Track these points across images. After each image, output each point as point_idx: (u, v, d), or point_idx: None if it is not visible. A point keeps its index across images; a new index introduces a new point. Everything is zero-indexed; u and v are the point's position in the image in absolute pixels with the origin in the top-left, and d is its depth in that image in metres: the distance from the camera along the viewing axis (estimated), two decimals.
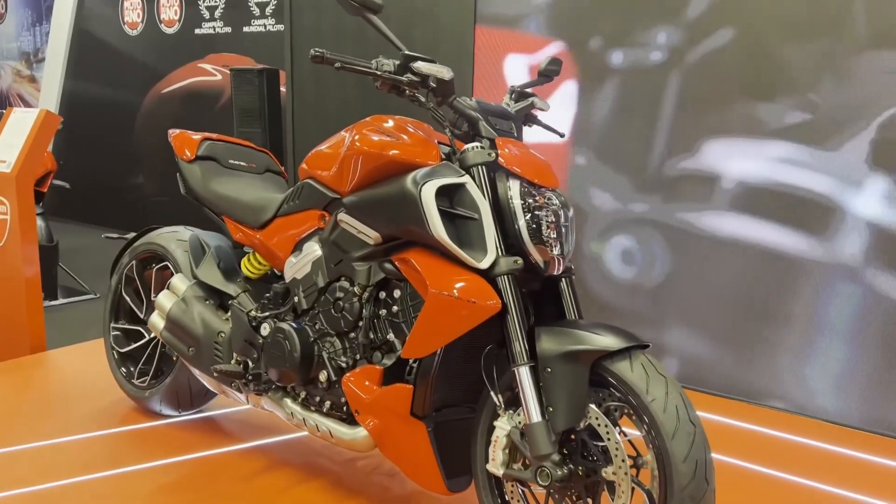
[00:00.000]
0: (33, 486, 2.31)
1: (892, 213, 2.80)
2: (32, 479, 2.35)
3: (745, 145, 3.09)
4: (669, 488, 1.60)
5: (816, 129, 2.93)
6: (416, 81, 1.95)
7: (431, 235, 1.84)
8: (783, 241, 3.01)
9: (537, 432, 1.73)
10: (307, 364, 2.15)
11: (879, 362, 2.83)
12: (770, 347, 3.06)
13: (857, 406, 2.89)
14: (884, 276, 2.81)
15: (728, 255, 3.14)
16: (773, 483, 2.46)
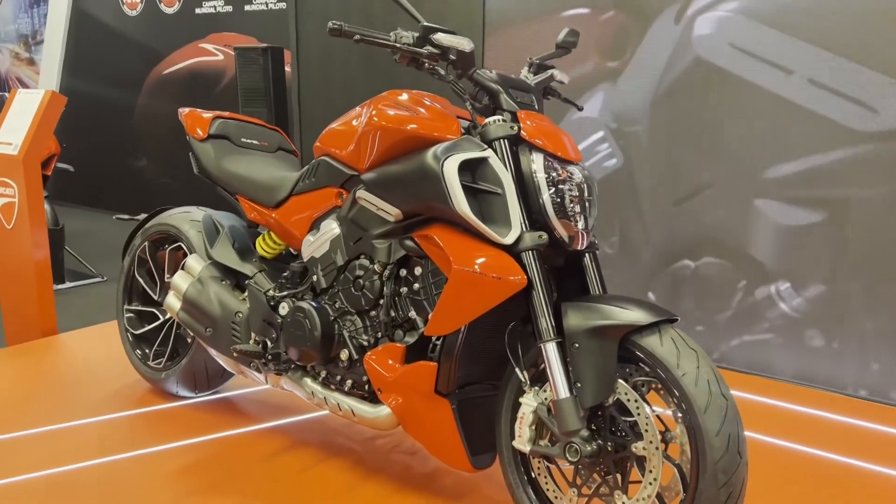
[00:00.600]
0: (53, 469, 2.30)
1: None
2: (52, 461, 2.34)
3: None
4: (702, 462, 1.59)
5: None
6: (435, 54, 1.91)
7: (454, 211, 1.81)
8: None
9: (566, 408, 1.72)
10: (328, 343, 2.14)
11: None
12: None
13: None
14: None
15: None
16: (801, 458, 2.45)
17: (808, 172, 2.95)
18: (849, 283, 2.90)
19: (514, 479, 1.93)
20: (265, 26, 6.03)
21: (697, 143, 3.19)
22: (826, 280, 2.95)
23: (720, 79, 3.11)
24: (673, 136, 3.25)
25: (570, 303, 1.78)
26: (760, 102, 3.02)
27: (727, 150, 3.12)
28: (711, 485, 1.57)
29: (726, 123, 3.11)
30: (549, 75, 2.14)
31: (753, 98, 3.03)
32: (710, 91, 3.13)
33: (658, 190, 3.31)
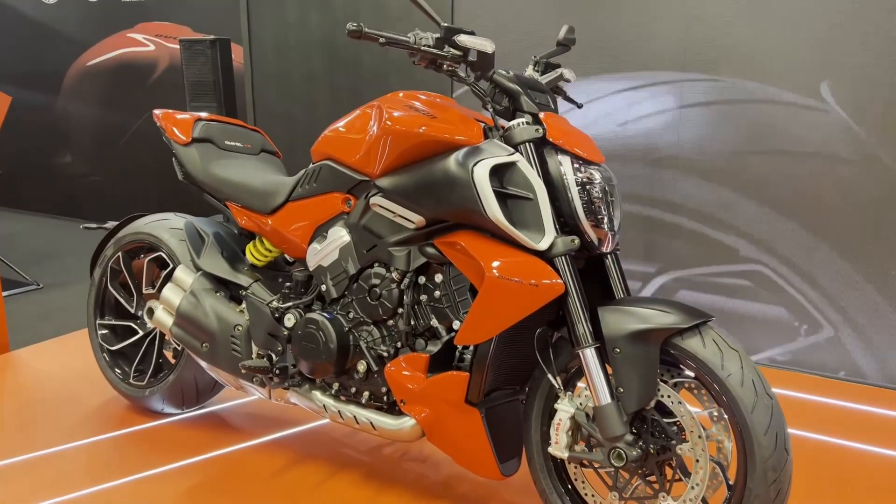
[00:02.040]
0: (45, 501, 2.15)
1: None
2: (41, 492, 2.19)
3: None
4: (751, 461, 1.61)
5: None
6: (457, 56, 1.85)
7: (487, 217, 1.77)
8: None
9: (610, 414, 1.71)
10: (343, 355, 2.07)
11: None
12: None
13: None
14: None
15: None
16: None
17: None
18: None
19: (547, 485, 1.92)
20: (199, 16, 5.78)
21: None
22: None
23: None
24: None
25: (606, 307, 1.77)
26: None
27: None
28: (761, 483, 1.60)
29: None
30: (559, 74, 2.12)
31: None
32: None
33: None
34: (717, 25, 3.03)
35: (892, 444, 2.48)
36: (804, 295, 3.05)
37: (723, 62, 3.05)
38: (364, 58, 3.95)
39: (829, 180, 2.93)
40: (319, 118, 4.18)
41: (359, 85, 4.01)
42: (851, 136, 2.87)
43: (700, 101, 3.13)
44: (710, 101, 3.11)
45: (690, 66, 3.11)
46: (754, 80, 3.01)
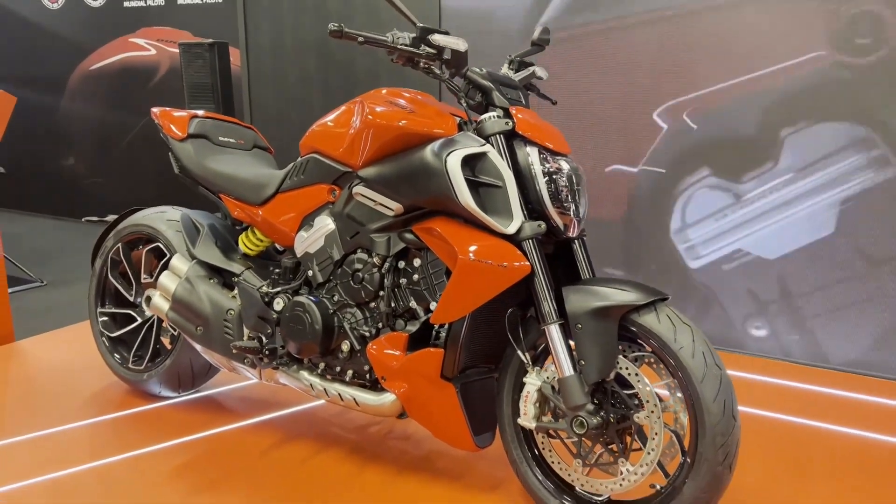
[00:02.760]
0: (49, 474, 2.28)
1: None
2: (45, 467, 2.32)
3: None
4: (701, 427, 1.74)
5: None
6: (432, 54, 1.99)
7: (459, 204, 1.91)
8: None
9: (572, 385, 1.84)
10: (328, 335, 2.20)
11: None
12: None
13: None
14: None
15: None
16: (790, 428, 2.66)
17: None
18: None
19: (517, 455, 2.05)
20: (200, 21, 5.92)
21: None
22: None
23: None
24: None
25: (569, 287, 1.90)
26: None
27: None
28: (710, 447, 1.73)
29: None
30: (532, 72, 2.25)
31: None
32: None
33: None
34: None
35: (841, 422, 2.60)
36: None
37: None
38: (357, 60, 4.09)
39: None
40: (313, 118, 4.30)
41: (351, 86, 4.14)
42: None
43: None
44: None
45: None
46: None
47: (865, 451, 2.42)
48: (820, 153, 3.03)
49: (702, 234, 3.30)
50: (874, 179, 2.95)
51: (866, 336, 3.04)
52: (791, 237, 3.13)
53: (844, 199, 3.01)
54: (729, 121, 3.19)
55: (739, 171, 3.19)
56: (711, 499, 1.76)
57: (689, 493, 1.76)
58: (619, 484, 1.87)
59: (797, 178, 3.09)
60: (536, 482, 2.02)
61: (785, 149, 3.08)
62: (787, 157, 3.09)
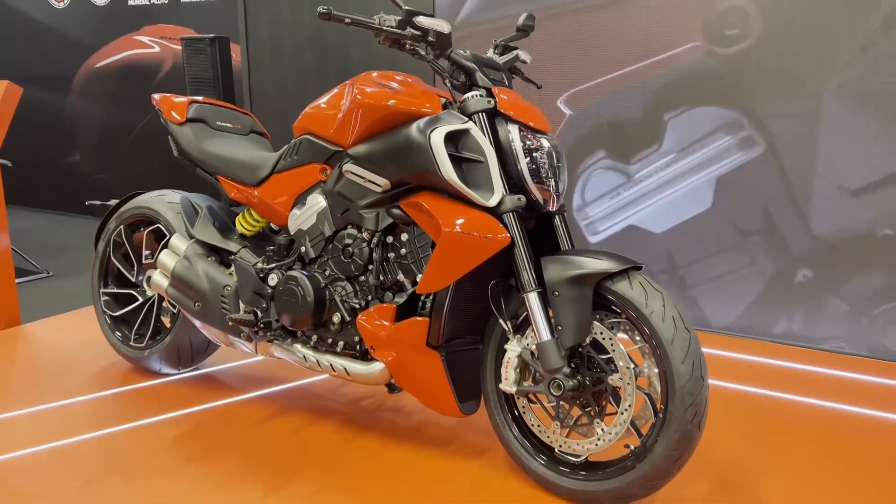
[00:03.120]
0: (53, 442, 2.38)
1: None
2: (49, 436, 2.42)
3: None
4: (671, 387, 1.83)
5: None
6: (417, 36, 2.08)
7: (442, 178, 2.00)
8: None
9: (549, 349, 1.93)
10: (320, 308, 2.29)
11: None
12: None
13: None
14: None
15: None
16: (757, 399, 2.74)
17: None
18: None
19: (500, 419, 2.14)
20: (202, 18, 6.03)
21: None
22: None
23: None
24: None
25: (548, 257, 1.99)
26: None
27: None
28: (680, 405, 1.81)
29: None
30: (515, 55, 2.34)
31: None
32: None
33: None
34: None
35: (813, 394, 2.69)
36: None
37: None
38: (352, 52, 4.19)
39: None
40: None
41: (346, 76, 4.24)
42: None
43: None
44: None
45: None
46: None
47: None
48: (697, 135, 3.30)
49: (599, 212, 3.57)
50: (743, 159, 3.21)
51: (741, 301, 3.30)
52: (675, 212, 3.39)
53: (719, 177, 3.28)
54: (620, 107, 3.43)
55: (629, 153, 3.45)
56: (681, 455, 1.84)
57: (660, 450, 1.85)
58: (594, 444, 1.95)
59: (679, 159, 3.35)
60: (517, 444, 2.11)
61: (668, 132, 3.34)
62: (669, 140, 3.35)
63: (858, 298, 3.06)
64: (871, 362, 3.01)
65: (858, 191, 3.01)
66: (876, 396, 2.69)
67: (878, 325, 3.04)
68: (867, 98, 2.94)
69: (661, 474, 1.87)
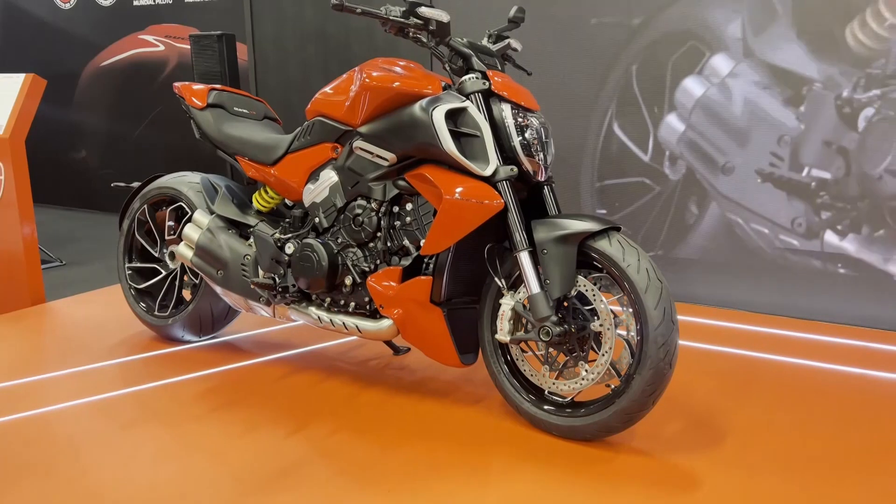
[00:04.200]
0: (91, 397, 2.63)
1: None
2: (86, 392, 2.67)
3: None
4: (645, 330, 2.08)
5: None
6: (420, 24, 2.34)
7: (443, 151, 2.26)
8: None
9: (538, 300, 2.19)
10: (333, 272, 2.55)
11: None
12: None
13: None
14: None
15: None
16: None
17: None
18: None
19: (495, 367, 2.39)
20: (206, 17, 6.27)
21: None
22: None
23: None
24: None
25: (537, 220, 2.25)
26: None
27: None
28: (653, 346, 2.07)
29: None
30: (507, 44, 2.60)
31: None
32: None
33: None
34: None
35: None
36: None
37: None
38: (352, 46, 4.45)
39: None
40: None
41: (347, 70, 4.50)
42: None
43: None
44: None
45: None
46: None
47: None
48: None
49: None
50: None
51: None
52: None
53: None
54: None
55: None
56: (655, 390, 2.10)
57: (637, 386, 2.10)
58: (579, 384, 2.21)
59: None
60: (510, 388, 2.36)
61: None
62: None
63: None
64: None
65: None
66: (843, 355, 2.96)
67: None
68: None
69: (637, 407, 2.13)
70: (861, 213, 3.23)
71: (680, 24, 3.52)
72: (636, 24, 3.60)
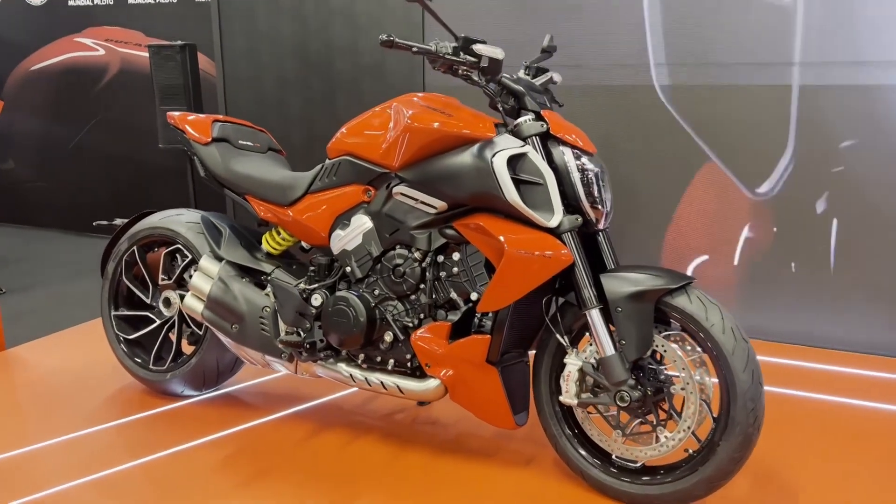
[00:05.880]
0: (93, 475, 2.33)
1: None
2: (86, 468, 2.36)
3: None
4: (733, 393, 1.96)
5: None
6: (472, 62, 2.14)
7: (505, 201, 2.07)
8: None
9: (614, 363, 2.04)
10: (372, 327, 2.33)
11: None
12: None
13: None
14: None
15: None
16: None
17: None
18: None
19: (556, 429, 2.23)
20: (152, 21, 5.86)
21: None
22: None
23: None
24: None
25: (606, 275, 2.09)
26: None
27: None
28: (742, 411, 1.95)
29: None
30: (549, 77, 2.43)
31: None
32: None
33: None
34: None
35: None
36: None
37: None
38: (336, 63, 4.19)
39: None
40: (292, 121, 4.39)
41: (331, 90, 4.24)
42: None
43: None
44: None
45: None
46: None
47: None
48: None
49: None
50: None
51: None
52: None
53: None
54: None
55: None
56: (743, 457, 1.98)
57: (723, 453, 1.98)
58: (657, 450, 2.07)
59: None
60: (576, 453, 2.21)
61: None
62: None
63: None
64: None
65: None
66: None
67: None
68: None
69: (723, 475, 2.00)
70: None
71: None
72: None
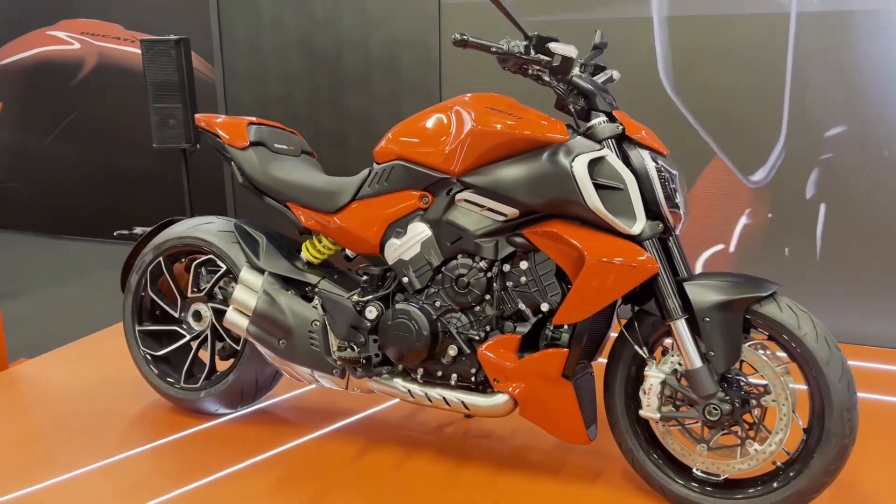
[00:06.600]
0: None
1: None
2: (128, 498, 2.20)
3: None
4: (828, 404, 1.90)
5: None
6: (545, 61, 2.03)
7: (586, 206, 1.97)
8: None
9: (702, 375, 1.96)
10: (435, 341, 2.21)
11: None
12: None
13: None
14: None
15: None
16: None
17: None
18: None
19: (633, 444, 2.15)
20: (132, 14, 5.61)
21: None
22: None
23: None
24: None
25: (690, 283, 2.01)
26: None
27: None
28: (838, 422, 1.89)
29: None
30: (609, 76, 2.33)
31: None
32: None
33: None
34: None
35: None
36: None
37: None
38: (345, 58, 4.03)
39: None
40: (298, 117, 4.22)
41: (338, 84, 4.08)
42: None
43: None
44: None
45: None
46: None
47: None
48: None
49: None
50: None
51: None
52: None
53: None
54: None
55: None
56: (838, 469, 1.93)
57: (818, 464, 1.92)
58: (746, 464, 2.00)
59: None
60: (654, 468, 2.13)
61: None
62: None
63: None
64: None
65: None
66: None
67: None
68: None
69: (816, 488, 1.95)
70: None
71: None
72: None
